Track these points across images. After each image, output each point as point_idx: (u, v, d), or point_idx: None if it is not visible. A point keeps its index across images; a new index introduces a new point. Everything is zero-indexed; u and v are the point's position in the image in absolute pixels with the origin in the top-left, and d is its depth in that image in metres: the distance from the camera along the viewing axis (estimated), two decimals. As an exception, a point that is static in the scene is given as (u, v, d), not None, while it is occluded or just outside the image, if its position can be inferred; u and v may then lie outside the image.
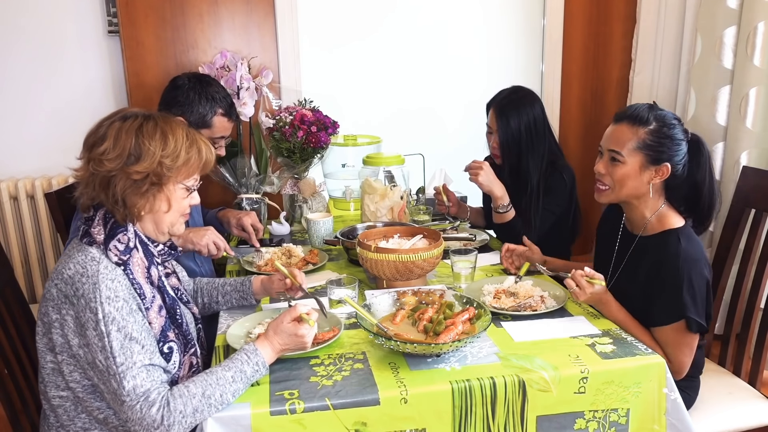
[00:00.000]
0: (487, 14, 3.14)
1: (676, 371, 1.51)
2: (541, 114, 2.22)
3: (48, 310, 1.26)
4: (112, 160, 1.26)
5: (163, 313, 1.33)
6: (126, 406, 1.18)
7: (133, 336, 1.21)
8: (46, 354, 1.29)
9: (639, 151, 1.56)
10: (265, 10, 2.79)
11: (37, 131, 2.77)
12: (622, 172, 1.58)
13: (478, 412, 1.29)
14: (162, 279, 1.39)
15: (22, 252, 2.79)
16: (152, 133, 1.29)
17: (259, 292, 1.65)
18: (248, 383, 1.26)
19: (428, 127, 3.18)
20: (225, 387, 1.22)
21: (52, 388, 1.31)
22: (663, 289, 1.52)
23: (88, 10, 2.71)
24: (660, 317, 1.53)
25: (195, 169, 1.37)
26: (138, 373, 1.19)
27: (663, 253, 1.54)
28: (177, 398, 1.19)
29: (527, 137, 2.19)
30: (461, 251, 1.79)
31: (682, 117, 2.81)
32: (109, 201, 1.28)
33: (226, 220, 2.17)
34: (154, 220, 1.35)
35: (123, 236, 1.30)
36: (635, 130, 1.56)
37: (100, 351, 1.20)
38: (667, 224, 1.59)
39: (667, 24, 2.88)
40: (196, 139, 1.36)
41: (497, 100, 2.25)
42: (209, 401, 1.20)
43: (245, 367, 1.26)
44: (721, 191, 2.60)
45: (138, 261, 1.31)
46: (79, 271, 1.23)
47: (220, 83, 2.10)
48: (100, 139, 1.28)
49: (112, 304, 1.21)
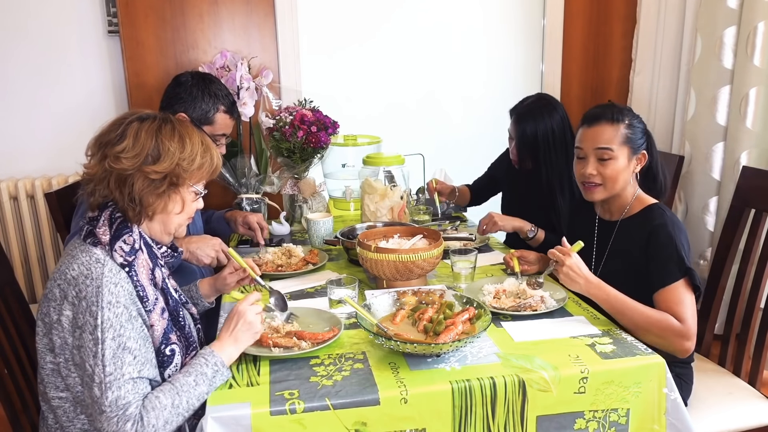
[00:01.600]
0: (487, 15, 3.14)
1: (687, 333, 1.49)
2: (560, 125, 2.17)
3: (49, 311, 1.26)
4: (130, 159, 1.27)
5: (165, 315, 1.33)
6: (104, 416, 1.18)
7: (127, 346, 1.21)
8: (46, 354, 1.29)
9: (624, 145, 1.68)
10: (265, 11, 2.79)
11: (37, 131, 2.77)
12: (615, 167, 1.68)
13: (478, 412, 1.29)
14: (165, 281, 1.39)
15: (22, 252, 2.79)
16: (171, 136, 1.32)
17: (209, 294, 1.66)
18: (212, 385, 1.28)
19: (428, 127, 3.18)
20: (190, 393, 1.24)
21: (52, 389, 1.31)
22: (661, 252, 1.58)
23: (88, 10, 2.71)
24: (663, 278, 1.55)
25: (206, 174, 1.40)
26: (124, 385, 1.19)
27: (652, 224, 1.63)
28: (150, 411, 1.20)
29: (544, 147, 2.16)
30: (461, 251, 1.80)
31: (682, 117, 2.81)
32: (124, 199, 1.29)
33: (234, 219, 2.23)
34: (163, 220, 1.37)
35: (128, 237, 1.30)
36: (616, 127, 1.67)
37: (92, 356, 1.20)
38: (645, 203, 1.71)
39: (667, 24, 2.88)
40: (209, 146, 1.40)
41: (518, 106, 2.24)
42: (178, 410, 1.22)
43: (205, 369, 1.27)
44: (721, 191, 2.61)
45: (143, 262, 1.32)
46: (84, 272, 1.23)
47: (221, 82, 2.12)
48: (118, 137, 1.29)
49: (112, 309, 1.21)
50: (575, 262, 1.56)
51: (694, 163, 2.70)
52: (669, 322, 1.50)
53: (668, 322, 1.50)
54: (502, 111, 2.37)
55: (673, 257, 1.56)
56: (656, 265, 1.58)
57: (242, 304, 1.37)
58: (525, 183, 2.30)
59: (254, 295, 1.40)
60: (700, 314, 1.99)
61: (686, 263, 1.55)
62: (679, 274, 1.54)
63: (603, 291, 1.55)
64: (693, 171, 2.71)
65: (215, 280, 1.66)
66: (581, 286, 1.56)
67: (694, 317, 1.52)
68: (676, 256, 1.56)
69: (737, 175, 2.08)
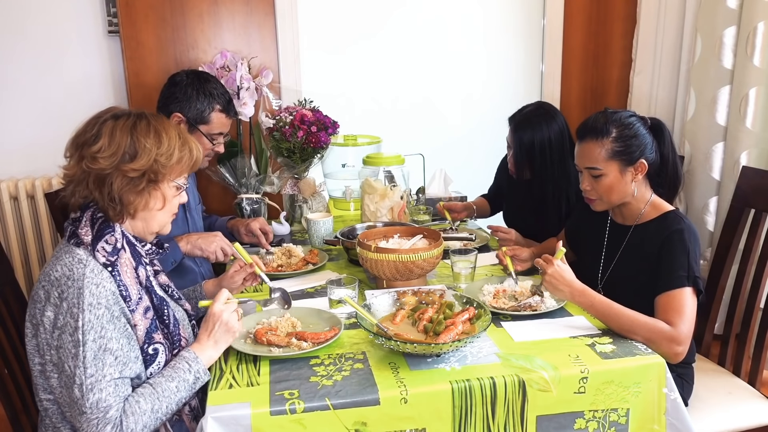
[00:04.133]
0: (487, 15, 3.14)
1: (678, 338, 1.47)
2: (558, 135, 2.13)
3: (35, 312, 1.26)
4: (107, 158, 1.27)
5: (149, 315, 1.32)
6: (84, 417, 1.18)
7: (109, 347, 1.21)
8: (35, 356, 1.29)
9: (612, 160, 1.64)
10: (265, 11, 2.79)
11: (37, 131, 2.77)
12: (606, 183, 1.66)
13: (478, 412, 1.29)
14: (150, 279, 1.38)
15: (22, 252, 2.78)
16: (146, 132, 1.31)
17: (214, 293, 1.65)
18: (191, 390, 1.29)
19: (428, 127, 3.18)
20: (170, 398, 1.25)
21: (41, 390, 1.31)
22: (672, 257, 1.57)
23: (88, 10, 2.71)
24: (670, 282, 1.54)
25: (186, 168, 1.39)
26: (105, 387, 1.19)
27: (668, 230, 1.61)
28: (129, 416, 1.20)
29: (541, 157, 2.13)
30: (461, 251, 1.80)
31: (682, 117, 2.81)
32: (104, 199, 1.29)
33: (236, 229, 2.20)
34: (146, 218, 1.36)
35: (110, 237, 1.29)
36: (600, 143, 1.64)
37: (71, 357, 1.19)
38: (662, 209, 1.68)
39: (667, 24, 2.88)
40: (187, 139, 1.39)
41: (516, 114, 2.21)
42: (157, 415, 1.23)
43: (188, 376, 1.28)
44: (718, 188, 2.61)
45: (126, 261, 1.31)
46: (66, 273, 1.23)
47: (218, 80, 2.10)
48: (94, 137, 1.28)
49: (93, 311, 1.20)
50: (557, 270, 1.55)
51: (694, 163, 2.70)
52: (657, 325, 1.47)
53: (657, 325, 1.48)
54: (502, 111, 2.37)
55: (684, 265, 1.54)
56: (665, 269, 1.56)
57: (216, 305, 1.37)
58: (523, 192, 2.28)
59: (224, 293, 1.39)
60: (699, 314, 2.00)
61: (695, 272, 1.54)
62: (686, 282, 1.53)
63: (587, 298, 1.54)
64: (693, 171, 2.71)
65: (221, 279, 1.65)
66: (565, 294, 1.56)
67: (691, 324, 1.51)
68: (686, 264, 1.54)
69: (737, 175, 2.09)
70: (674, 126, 2.91)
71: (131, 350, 1.26)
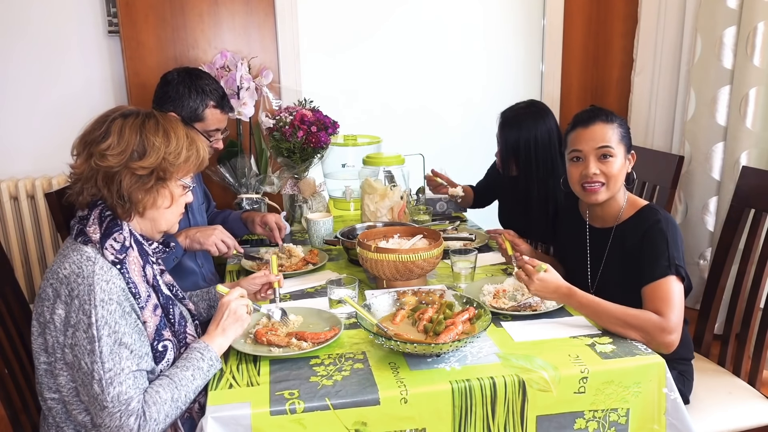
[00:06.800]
0: (487, 15, 3.14)
1: (669, 327, 1.47)
2: (545, 135, 2.11)
3: (43, 310, 1.26)
4: (115, 156, 1.27)
5: (158, 312, 1.33)
6: (107, 412, 1.19)
7: (123, 341, 1.22)
8: (41, 355, 1.29)
9: (621, 143, 1.69)
10: (265, 11, 2.79)
11: (37, 131, 2.77)
12: (615, 165, 1.68)
13: (478, 412, 1.29)
14: (157, 277, 1.39)
15: (22, 252, 2.79)
16: (155, 131, 1.32)
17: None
18: (206, 378, 1.31)
19: (428, 127, 3.18)
20: (188, 387, 1.27)
21: (46, 389, 1.31)
22: (652, 248, 1.58)
23: (88, 10, 2.71)
24: (653, 273, 1.55)
25: (193, 168, 1.40)
26: (125, 380, 1.20)
27: (646, 223, 1.63)
28: (151, 406, 1.21)
29: (525, 155, 2.12)
30: (461, 251, 1.80)
31: (682, 117, 2.82)
32: (112, 197, 1.29)
33: (251, 220, 2.19)
34: (154, 216, 1.37)
35: (119, 235, 1.30)
36: (612, 126, 1.68)
37: (87, 354, 1.20)
38: (637, 205, 1.71)
39: (667, 24, 2.88)
40: (194, 139, 1.40)
41: (506, 111, 2.21)
42: (177, 404, 1.25)
43: (201, 364, 1.30)
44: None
45: (133, 260, 1.31)
46: (75, 271, 1.23)
47: (211, 76, 2.06)
48: (103, 135, 1.29)
49: (105, 307, 1.21)
50: (539, 284, 1.55)
51: (694, 163, 2.70)
52: (647, 316, 1.48)
53: (646, 316, 1.48)
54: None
55: (664, 253, 1.55)
56: (648, 261, 1.58)
57: (228, 297, 1.40)
58: (511, 190, 2.28)
59: (238, 290, 1.43)
60: (700, 314, 2.00)
61: (677, 260, 1.55)
62: (668, 270, 1.54)
63: (575, 299, 1.54)
64: (693, 171, 2.71)
65: (240, 280, 1.66)
66: (556, 300, 1.59)
67: (680, 313, 1.51)
68: (667, 253, 1.55)
69: (737, 175, 2.08)
70: (674, 126, 2.92)
71: (143, 346, 1.27)
